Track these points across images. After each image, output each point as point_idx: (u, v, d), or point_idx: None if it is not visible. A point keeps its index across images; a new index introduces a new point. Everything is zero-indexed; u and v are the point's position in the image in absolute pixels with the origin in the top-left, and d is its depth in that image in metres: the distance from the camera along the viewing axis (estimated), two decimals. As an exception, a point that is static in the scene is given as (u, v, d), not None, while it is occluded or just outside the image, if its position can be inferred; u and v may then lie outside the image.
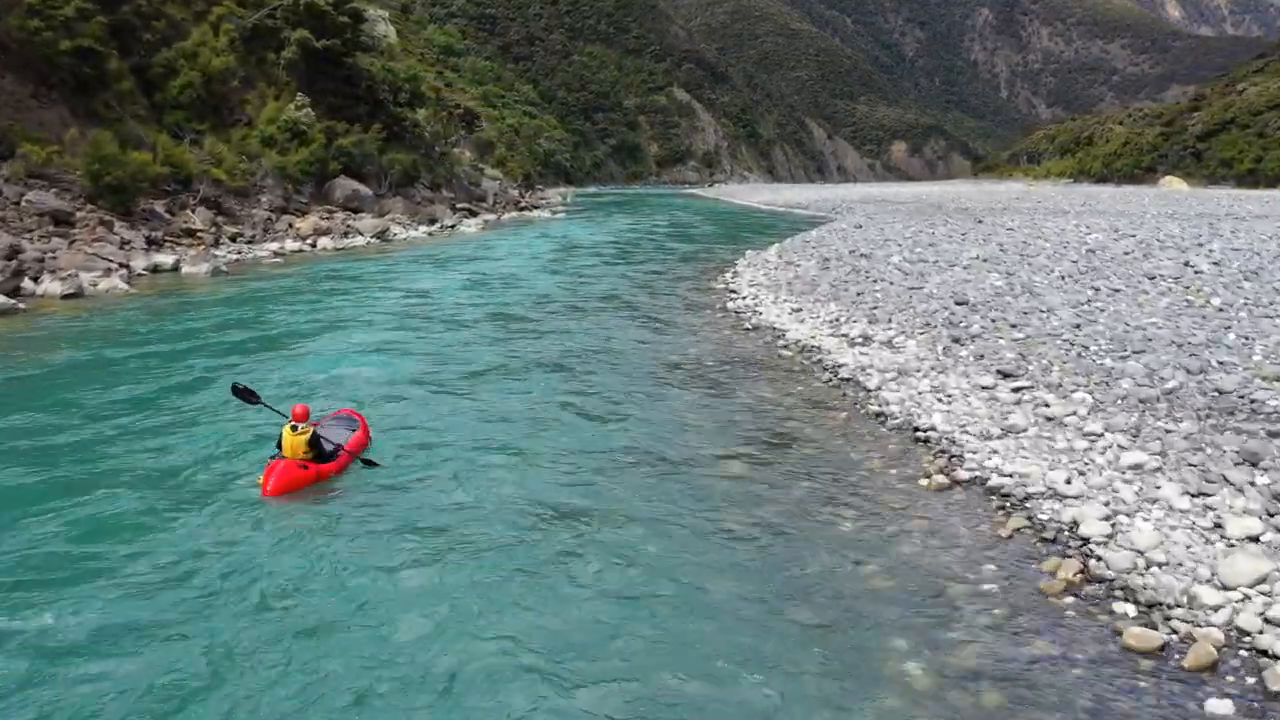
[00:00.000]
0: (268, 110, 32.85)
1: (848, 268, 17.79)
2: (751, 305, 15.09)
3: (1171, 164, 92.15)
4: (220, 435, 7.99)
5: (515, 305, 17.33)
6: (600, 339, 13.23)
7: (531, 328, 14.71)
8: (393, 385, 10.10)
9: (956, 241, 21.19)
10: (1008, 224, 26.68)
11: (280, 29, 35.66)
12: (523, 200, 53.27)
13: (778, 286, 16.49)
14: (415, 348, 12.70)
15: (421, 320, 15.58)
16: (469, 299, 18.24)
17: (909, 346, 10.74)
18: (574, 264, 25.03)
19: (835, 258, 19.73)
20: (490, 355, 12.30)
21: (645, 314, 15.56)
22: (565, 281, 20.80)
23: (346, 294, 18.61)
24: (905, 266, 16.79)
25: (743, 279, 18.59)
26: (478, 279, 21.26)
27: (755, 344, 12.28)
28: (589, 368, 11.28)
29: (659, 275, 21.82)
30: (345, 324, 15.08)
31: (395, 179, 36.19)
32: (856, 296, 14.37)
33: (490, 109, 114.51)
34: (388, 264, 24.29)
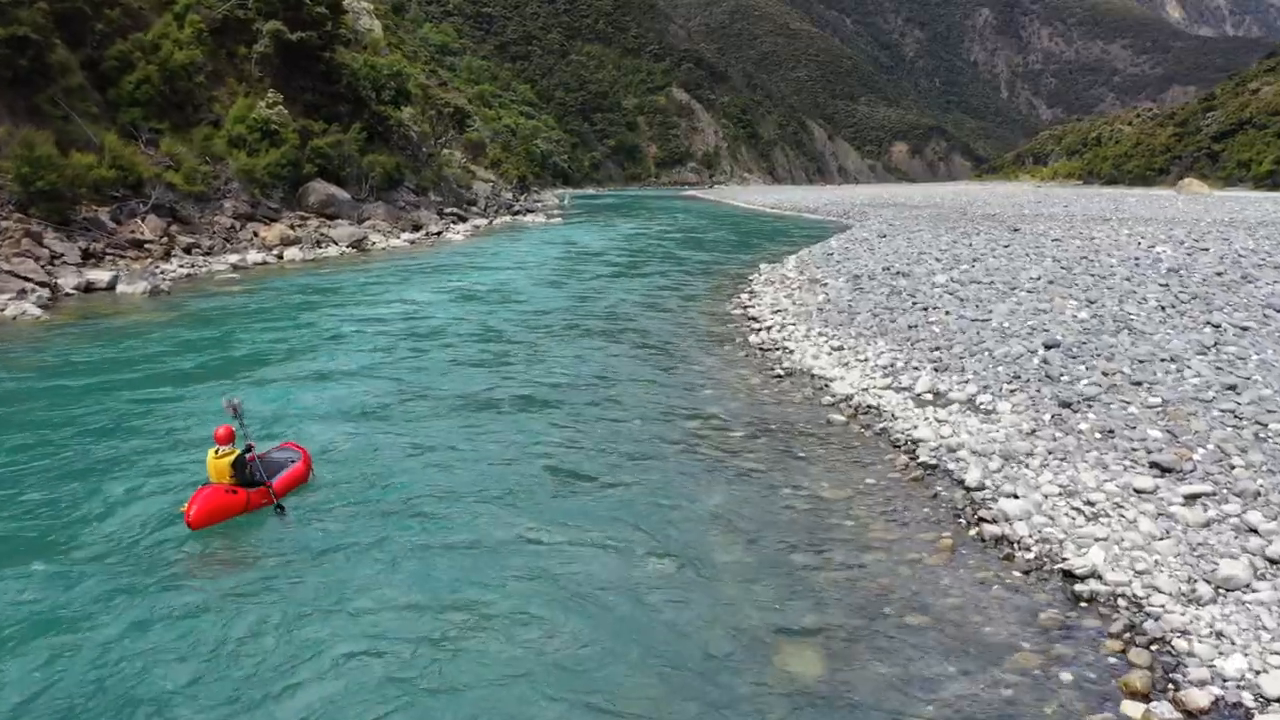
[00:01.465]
0: (236, 108, 30.21)
1: (885, 289, 15.18)
2: (780, 340, 12.47)
3: (1186, 166, 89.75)
4: (128, 483, 7.02)
5: (496, 330, 14.80)
6: (595, 382, 10.66)
7: (513, 360, 12.29)
8: (338, 424, 8.86)
9: (1003, 256, 18.60)
10: (1051, 233, 24.08)
11: (253, 20, 33.06)
12: (516, 204, 50.66)
13: (808, 314, 13.88)
14: (370, 381, 10.84)
15: (383, 348, 13.22)
16: (442, 321, 15.75)
17: (1001, 411, 8.14)
18: (569, 277, 22.43)
19: (867, 276, 17.12)
20: (459, 392, 10.25)
21: (650, 348, 12.96)
22: (557, 300, 18.21)
23: (303, 315, 16.06)
24: (957, 290, 14.19)
25: (763, 301, 15.99)
26: (456, 297, 18.67)
27: (793, 398, 9.66)
28: (579, 423, 8.81)
29: (665, 292, 19.23)
30: (293, 352, 12.81)
31: (377, 182, 33.57)
32: (909, 331, 11.76)
33: (486, 109, 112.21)
34: (360, 278, 21.69)
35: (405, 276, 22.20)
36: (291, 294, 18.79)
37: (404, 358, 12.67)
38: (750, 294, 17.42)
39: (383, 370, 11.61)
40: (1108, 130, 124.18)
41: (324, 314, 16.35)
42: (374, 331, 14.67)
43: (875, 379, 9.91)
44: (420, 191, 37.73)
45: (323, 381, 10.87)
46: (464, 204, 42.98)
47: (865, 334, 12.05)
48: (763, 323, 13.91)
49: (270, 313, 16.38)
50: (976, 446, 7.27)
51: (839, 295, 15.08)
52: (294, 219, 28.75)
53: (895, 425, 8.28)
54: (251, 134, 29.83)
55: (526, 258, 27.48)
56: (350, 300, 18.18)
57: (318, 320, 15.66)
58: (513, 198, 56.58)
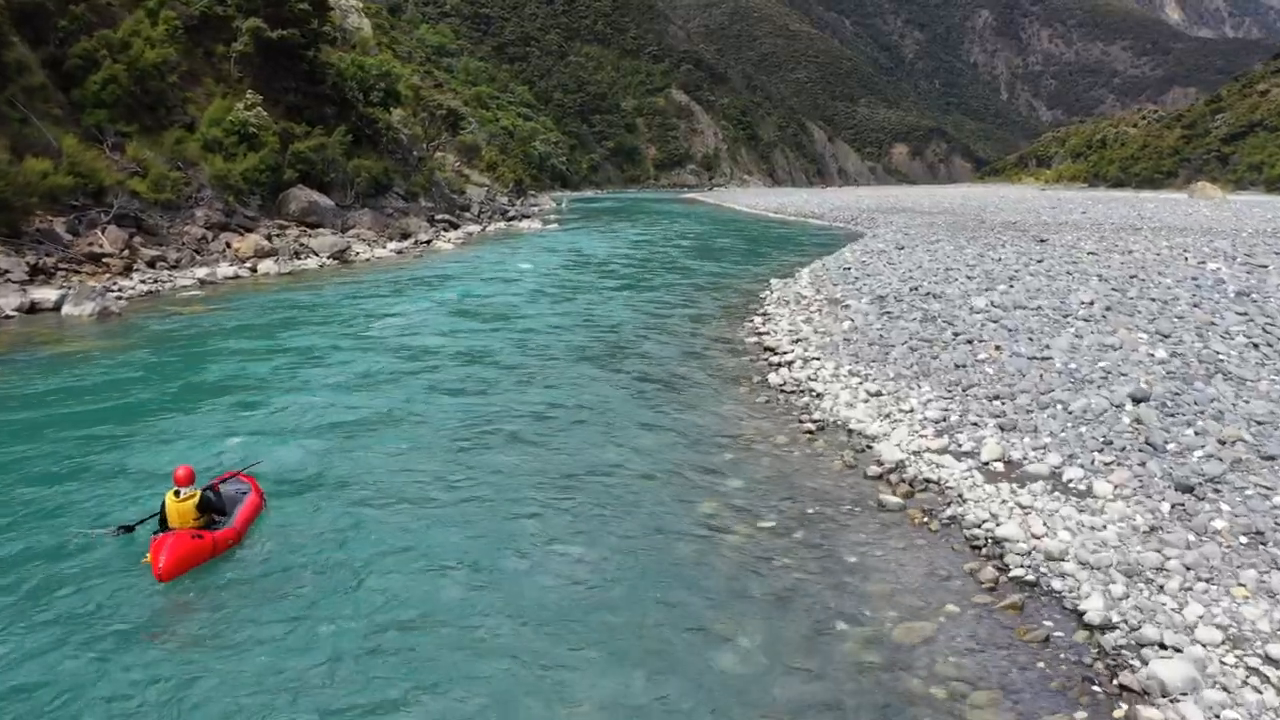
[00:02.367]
0: (212, 110, 28.51)
1: (918, 314, 13.50)
2: (805, 380, 10.76)
3: (1195, 168, 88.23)
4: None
5: (482, 355, 13.22)
6: (593, 434, 9.02)
7: (498, 393, 10.81)
8: (298, 456, 8.15)
9: (1041, 274, 16.91)
10: (1083, 245, 22.39)
11: (232, 17, 31.37)
12: (511, 209, 48.95)
13: (833, 346, 12.17)
14: (337, 412, 9.77)
15: (354, 375, 11.82)
16: (422, 344, 14.16)
17: (1101, 495, 6.45)
18: (565, 292, 20.74)
19: (893, 297, 15.43)
20: (433, 428, 9.21)
21: (656, 383, 11.27)
22: (552, 319, 16.51)
23: (269, 338, 14.41)
24: (1002, 318, 12.50)
25: (779, 326, 14.30)
26: (440, 315, 16.97)
27: (829, 465, 7.96)
28: (567, 486, 7.34)
29: (669, 311, 17.52)
30: (253, 381, 11.45)
31: (362, 188, 31.87)
32: (957, 372, 10.06)
33: (483, 110, 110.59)
34: (338, 294, 19.99)
35: (387, 292, 20.51)
36: (259, 313, 17.09)
37: (376, 386, 11.28)
38: (764, 316, 15.71)
39: (351, 401, 10.38)
40: (1112, 132, 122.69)
41: (293, 336, 14.70)
42: (346, 356, 13.15)
43: (927, 438, 8.21)
44: (410, 197, 36.03)
45: (283, 412, 9.82)
46: (456, 210, 41.27)
47: (905, 374, 10.35)
48: (782, 355, 12.21)
49: (232, 336, 14.70)
50: (1085, 555, 5.57)
51: (866, 322, 13.38)
52: (272, 228, 27.04)
53: (967, 513, 6.58)
54: (228, 137, 28.13)
55: (520, 269, 25.78)
56: (324, 320, 16.51)
57: (284, 344, 14.03)
58: (508, 202, 54.90)
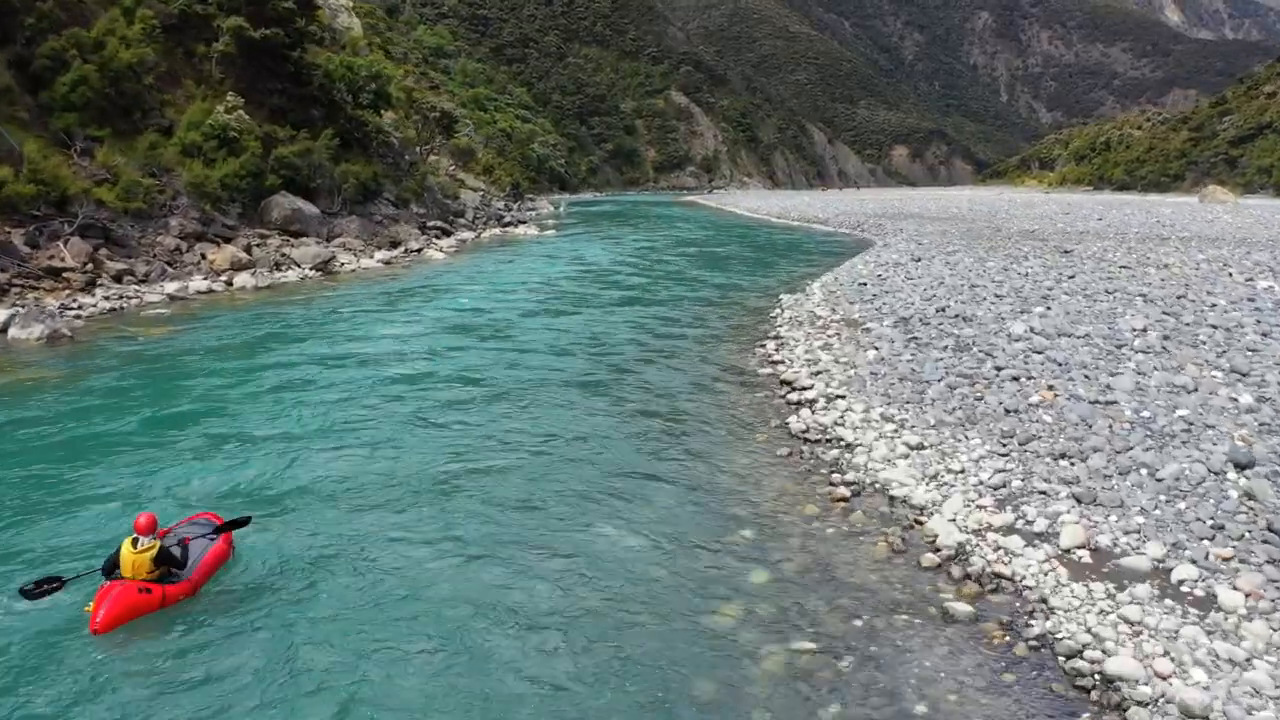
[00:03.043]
0: (191, 113, 27.16)
1: (949, 341, 12.14)
2: (832, 426, 9.39)
3: (1202, 171, 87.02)
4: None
5: (468, 381, 12.07)
6: (584, 486, 7.74)
7: (485, 427, 9.71)
8: (264, 496, 7.67)
9: (1078, 293, 15.56)
10: (1112, 257, 21.05)
11: (213, 16, 30.02)
12: (507, 215, 47.58)
13: (859, 381, 10.80)
14: (306, 447, 9.06)
15: (326, 405, 10.79)
16: (403, 368, 12.98)
17: (1229, 607, 5.09)
18: (560, 307, 19.37)
19: (919, 319, 14.07)
20: (409, 473, 8.34)
21: (657, 425, 9.92)
22: (545, 339, 15.15)
23: (235, 362, 13.14)
24: (1046, 348, 11.14)
25: (795, 352, 12.93)
26: (424, 335, 15.61)
27: (873, 551, 6.57)
28: (553, 577, 6.03)
29: (672, 331, 16.16)
30: (212, 412, 10.42)
31: (350, 194, 30.50)
32: (1009, 419, 8.70)
33: (481, 112, 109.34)
34: (317, 311, 18.62)
35: (371, 308, 19.14)
36: (229, 334, 15.72)
37: (351, 418, 10.20)
38: (777, 340, 14.34)
39: (324, 435, 9.55)
40: (1116, 134, 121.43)
41: (263, 361, 13.37)
42: (321, 384, 11.93)
43: (987, 510, 6.84)
44: (400, 203, 34.67)
45: (250, 448, 9.02)
46: (450, 216, 39.90)
47: (947, 420, 8.98)
48: (802, 391, 10.83)
49: (197, 360, 13.36)
50: (1236, 714, 4.20)
51: (893, 351, 12.01)
52: (252, 237, 25.66)
53: (1059, 629, 5.20)
54: (208, 142, 26.77)
55: (514, 280, 24.42)
56: (299, 342, 15.17)
57: (253, 370, 12.73)
58: (504, 206, 53.56)
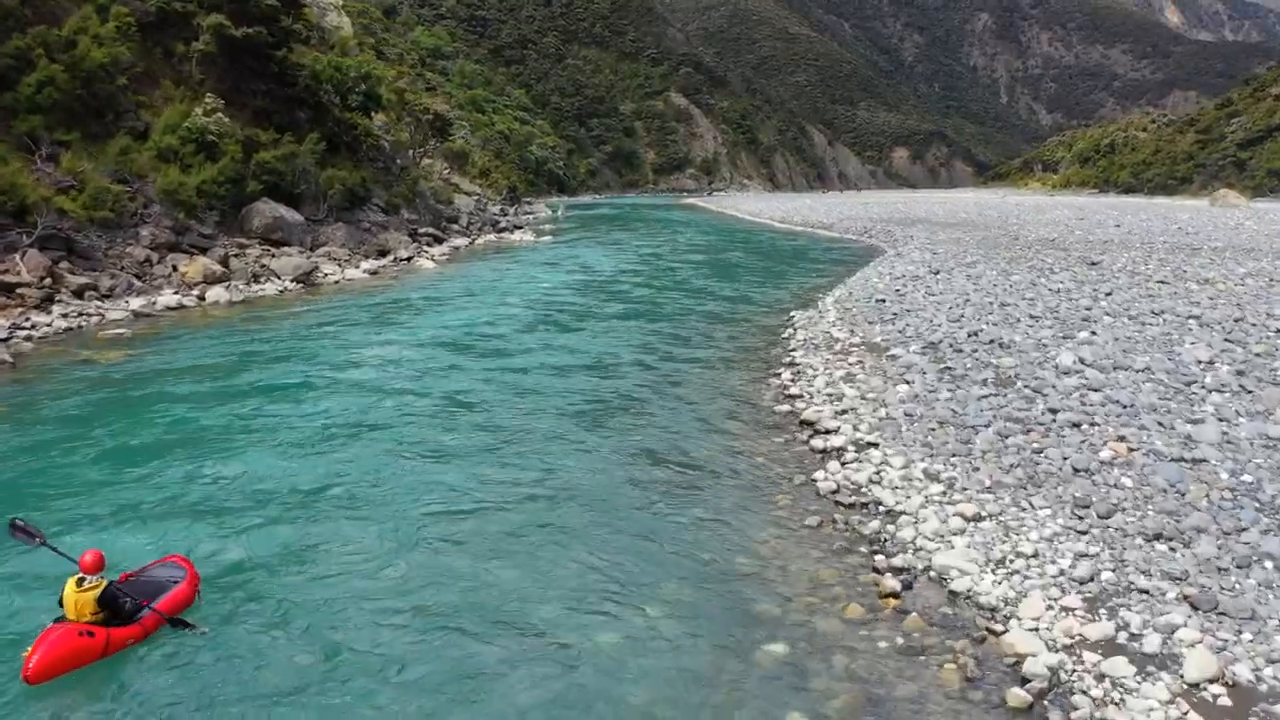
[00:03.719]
0: (167, 115, 25.80)
1: (988, 373, 10.80)
2: (866, 485, 8.01)
3: (1210, 174, 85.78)
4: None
5: (451, 414, 10.75)
6: (572, 563, 6.40)
7: (469, 469, 8.54)
8: (225, 540, 7.00)
9: (1122, 315, 14.20)
10: (1143, 269, 19.71)
11: (193, 14, 28.66)
12: (503, 220, 46.23)
13: (893, 425, 9.42)
14: (267, 487, 8.31)
15: (292, 438, 9.69)
16: (379, 399, 11.69)
17: None
18: (555, 323, 18.00)
19: (949, 344, 12.72)
20: (385, 518, 7.61)
21: (661, 478, 8.57)
22: (537, 360, 13.80)
23: (195, 393, 11.83)
24: (1104, 385, 9.79)
25: (815, 385, 11.56)
26: (406, 358, 14.24)
27: (943, 678, 5.17)
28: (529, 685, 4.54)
29: (675, 354, 14.80)
30: (164, 449, 9.44)
31: (336, 201, 29.14)
32: (1078, 480, 7.34)
33: (479, 114, 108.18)
34: (293, 329, 17.26)
35: (352, 326, 17.78)
36: (193, 356, 14.36)
37: (323, 456, 9.23)
38: (792, 368, 12.97)
39: (293, 474, 8.62)
40: (1121, 136, 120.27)
41: (227, 388, 12.08)
42: (290, 415, 10.75)
43: (1076, 616, 5.48)
44: (390, 210, 33.31)
45: (204, 490, 8.20)
46: (443, 222, 38.54)
47: (1004, 481, 7.60)
48: (827, 435, 9.47)
49: (151, 389, 12.04)
50: None
51: (926, 386, 10.64)
52: (231, 247, 24.29)
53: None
54: (185, 146, 25.41)
55: (507, 293, 23.07)
56: (269, 365, 13.85)
57: (214, 398, 11.49)
58: (500, 211, 52.22)
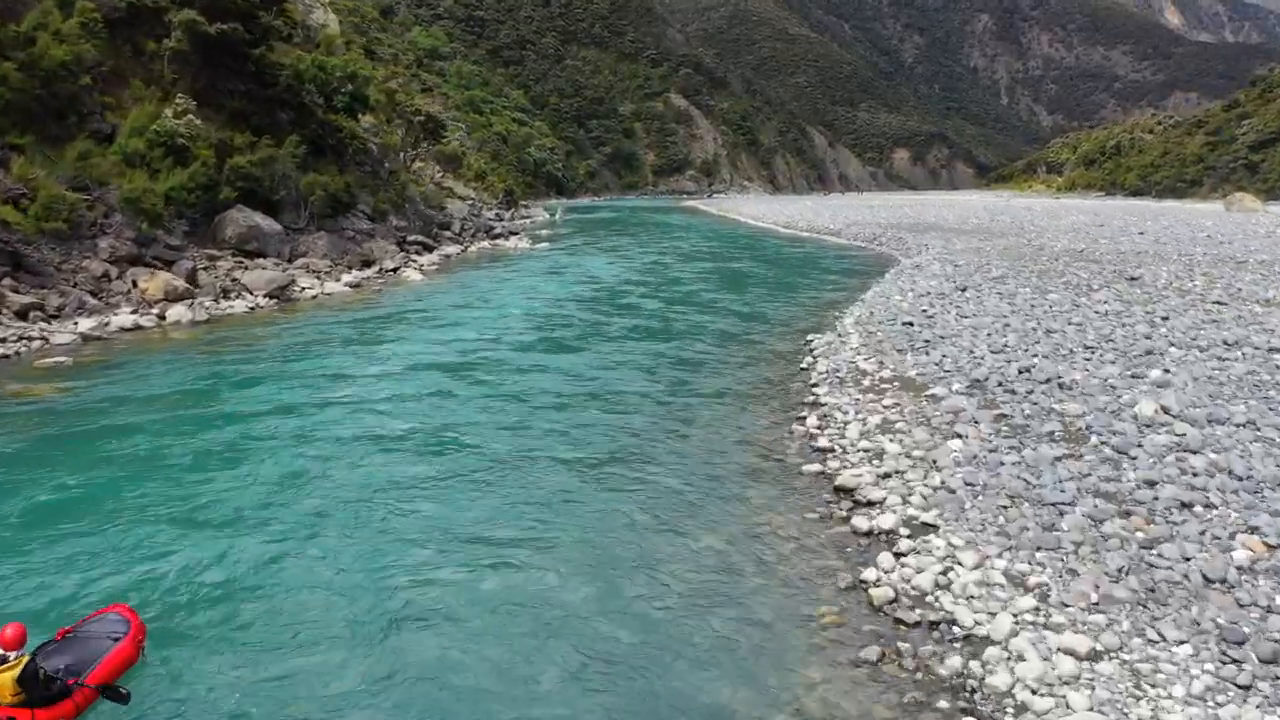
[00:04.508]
0: (134, 117, 24.10)
1: (1051, 423, 9.12)
2: (932, 593, 6.30)
3: (1221, 177, 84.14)
4: None
5: (423, 457, 9.07)
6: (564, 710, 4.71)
7: (439, 550, 6.93)
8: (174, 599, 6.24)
9: (1192, 348, 12.51)
10: (1189, 285, 18.02)
11: (165, 9, 26.97)
12: (497, 225, 44.53)
13: (949, 497, 7.70)
14: (217, 540, 7.41)
15: (240, 500, 7.87)
16: (346, 439, 10.04)
17: None
18: (547, 346, 16.29)
19: (998, 382, 11.02)
20: (352, 586, 6.56)
21: (673, 580, 6.87)
22: (526, 396, 12.10)
23: (138, 434, 10.12)
24: (1202, 444, 8.11)
25: (847, 435, 9.85)
26: (380, 388, 12.53)
27: None
28: None
29: (684, 385, 13.11)
30: (102, 504, 8.04)
31: (318, 208, 27.43)
32: (1221, 598, 5.66)
33: (476, 115, 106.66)
34: (258, 354, 15.55)
35: (323, 348, 16.07)
36: (138, 386, 12.66)
37: (278, 506, 8.09)
38: (817, 408, 11.26)
39: (243, 530, 7.66)
40: (1127, 138, 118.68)
41: (177, 426, 10.46)
42: (243, 458, 9.38)
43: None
44: (377, 217, 31.61)
45: (147, 534, 7.46)
46: (434, 228, 36.83)
47: (1115, 595, 5.89)
48: (871, 511, 7.77)
49: (82, 429, 10.33)
50: None
51: (982, 440, 8.93)
52: (201, 259, 22.58)
53: None
54: (153, 150, 23.72)
55: (496, 308, 21.38)
56: (230, 395, 12.23)
57: (162, 439, 9.89)
58: (495, 215, 50.52)
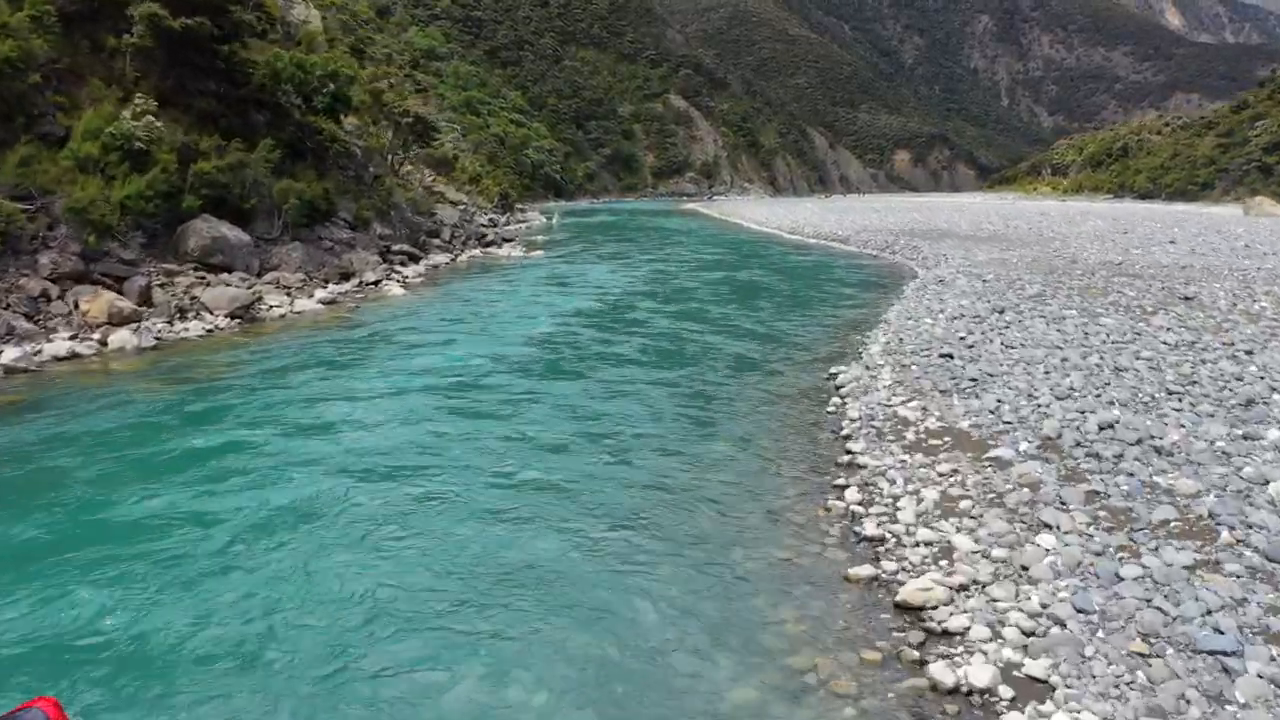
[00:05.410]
0: (87, 119, 22.11)
1: (1162, 507, 7.16)
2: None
3: (1234, 179, 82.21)
4: None
5: (377, 527, 6.92)
6: None
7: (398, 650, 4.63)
8: None
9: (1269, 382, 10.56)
10: (1257, 308, 16.04)
11: (127, 2, 24.99)
12: (490, 232, 42.53)
13: (1067, 641, 5.72)
14: (155, 637, 6.04)
15: (175, 573, 6.09)
16: (297, 495, 8.13)
17: None
18: (535, 377, 14.28)
19: (1078, 443, 9.04)
20: None
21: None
22: (500, 439, 10.09)
23: (61, 492, 8.09)
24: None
25: (899, 521, 7.85)
26: (341, 436, 10.50)
27: None
28: None
29: (694, 435, 11.12)
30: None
31: (292, 217, 25.44)
32: None
33: (473, 116, 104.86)
34: (212, 388, 13.55)
35: (289, 381, 14.06)
36: (65, 429, 10.63)
37: (215, 563, 6.82)
38: (855, 471, 9.27)
39: (180, 611, 6.44)
40: (1134, 139, 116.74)
41: (91, 476, 8.43)
42: (180, 522, 7.69)
43: None
44: (359, 225, 29.61)
45: (72, 612, 6.27)
46: (421, 236, 34.84)
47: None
48: (949, 641, 5.78)
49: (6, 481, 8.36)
50: None
51: (1083, 539, 6.94)
52: (159, 275, 20.59)
53: None
54: (108, 155, 21.75)
55: (482, 328, 19.40)
56: (172, 440, 10.27)
57: (74, 492, 7.88)
58: (489, 221, 48.54)
